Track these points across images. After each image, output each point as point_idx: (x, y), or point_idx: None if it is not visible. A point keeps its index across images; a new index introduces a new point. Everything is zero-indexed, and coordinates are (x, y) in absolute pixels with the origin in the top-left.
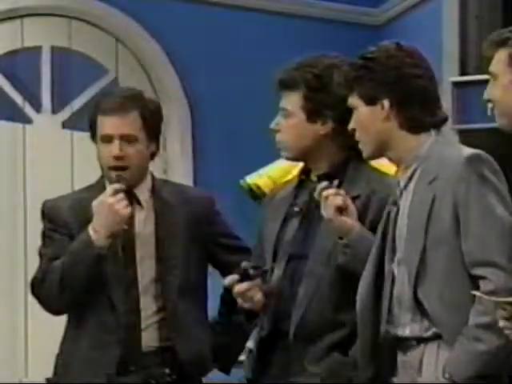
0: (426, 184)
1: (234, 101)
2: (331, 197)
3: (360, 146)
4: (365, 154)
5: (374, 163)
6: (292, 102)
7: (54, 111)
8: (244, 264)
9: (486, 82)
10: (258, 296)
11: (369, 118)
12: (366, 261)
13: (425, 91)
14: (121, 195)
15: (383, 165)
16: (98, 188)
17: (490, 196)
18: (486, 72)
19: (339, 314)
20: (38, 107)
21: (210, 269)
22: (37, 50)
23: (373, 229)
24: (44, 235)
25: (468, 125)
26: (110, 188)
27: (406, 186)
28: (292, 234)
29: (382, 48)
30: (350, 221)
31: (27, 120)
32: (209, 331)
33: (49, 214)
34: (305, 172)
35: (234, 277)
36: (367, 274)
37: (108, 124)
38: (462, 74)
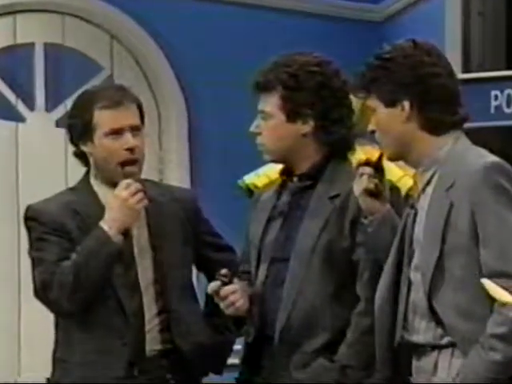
0: (443, 190)
1: (231, 99)
2: (365, 177)
3: (381, 147)
4: (387, 156)
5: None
6: (270, 103)
7: (48, 109)
8: (217, 274)
9: (490, 79)
10: (241, 301)
11: (389, 120)
12: (386, 243)
13: (445, 90)
14: (134, 189)
15: (391, 169)
16: (82, 188)
17: (507, 207)
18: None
19: (323, 317)
20: (31, 105)
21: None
22: (30, 46)
23: (353, 228)
24: (37, 239)
25: (470, 123)
26: (122, 182)
27: (423, 190)
28: (274, 235)
29: (398, 47)
30: (377, 204)
31: (20, 118)
32: (207, 331)
33: (39, 217)
34: (286, 172)
35: (215, 284)
36: (385, 276)
37: (116, 117)
38: (465, 71)
